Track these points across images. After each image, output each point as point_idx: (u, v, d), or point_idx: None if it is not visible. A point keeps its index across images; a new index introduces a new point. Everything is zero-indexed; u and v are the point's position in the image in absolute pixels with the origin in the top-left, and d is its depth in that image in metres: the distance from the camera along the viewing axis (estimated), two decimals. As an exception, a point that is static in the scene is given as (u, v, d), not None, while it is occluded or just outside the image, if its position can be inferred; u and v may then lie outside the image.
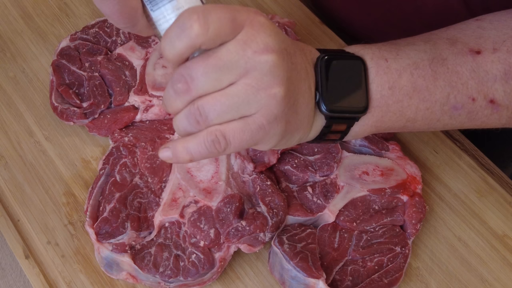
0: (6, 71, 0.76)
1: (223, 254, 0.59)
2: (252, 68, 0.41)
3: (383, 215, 0.63)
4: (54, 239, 0.64)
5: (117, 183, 0.62)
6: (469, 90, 0.49)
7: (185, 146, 0.44)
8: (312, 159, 0.66)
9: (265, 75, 0.41)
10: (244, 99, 0.42)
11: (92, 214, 0.61)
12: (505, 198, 0.69)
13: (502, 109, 0.50)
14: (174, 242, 0.60)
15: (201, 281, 0.59)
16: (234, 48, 0.41)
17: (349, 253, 0.61)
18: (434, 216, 0.68)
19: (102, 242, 0.59)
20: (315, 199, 0.63)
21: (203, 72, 0.41)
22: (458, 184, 0.70)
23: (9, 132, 0.71)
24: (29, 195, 0.66)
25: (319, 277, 0.57)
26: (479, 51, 0.49)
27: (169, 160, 0.47)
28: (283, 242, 0.60)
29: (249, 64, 0.41)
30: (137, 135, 0.68)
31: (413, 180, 0.65)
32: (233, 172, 0.63)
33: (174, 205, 0.61)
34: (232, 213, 0.59)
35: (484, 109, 0.50)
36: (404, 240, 0.62)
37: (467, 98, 0.50)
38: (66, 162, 0.69)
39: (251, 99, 0.42)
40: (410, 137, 0.73)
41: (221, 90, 0.42)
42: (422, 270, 0.64)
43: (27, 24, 0.80)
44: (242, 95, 0.42)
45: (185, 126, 0.44)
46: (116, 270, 0.60)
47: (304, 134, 0.49)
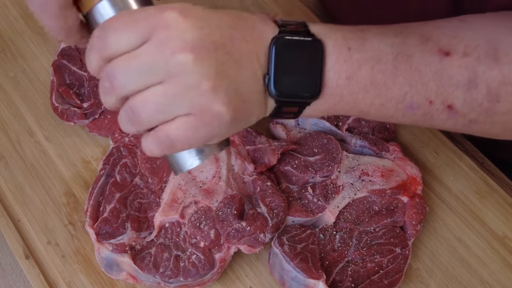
0: (7, 71, 0.76)
1: (223, 255, 0.59)
2: (174, 68, 0.41)
3: (383, 216, 0.63)
4: (54, 239, 0.63)
5: (117, 184, 0.62)
6: (428, 92, 0.48)
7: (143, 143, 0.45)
8: (313, 160, 0.66)
9: (189, 74, 0.41)
10: (173, 99, 0.41)
11: (92, 214, 0.61)
12: (505, 199, 0.69)
13: (458, 116, 0.49)
14: (174, 243, 0.60)
15: (201, 281, 0.59)
16: (151, 49, 0.41)
17: (349, 254, 0.61)
18: (435, 217, 0.68)
19: (102, 242, 0.59)
20: (315, 200, 0.63)
21: (124, 73, 0.41)
22: (458, 185, 0.70)
23: (9, 132, 0.71)
24: (29, 195, 0.66)
25: (319, 278, 0.57)
26: (449, 53, 0.47)
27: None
28: (283, 243, 0.60)
29: (169, 64, 0.41)
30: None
31: (413, 181, 0.65)
32: (233, 173, 0.63)
33: (174, 205, 0.61)
34: (232, 213, 0.59)
35: (440, 113, 0.49)
36: (404, 241, 0.62)
37: (425, 100, 0.48)
38: (66, 162, 0.69)
39: (181, 98, 0.41)
40: (410, 138, 0.73)
41: (149, 89, 0.41)
42: (422, 271, 0.64)
43: (28, 24, 0.80)
44: (170, 95, 0.41)
45: (124, 124, 0.44)
46: (116, 271, 0.60)
47: (260, 114, 0.47)
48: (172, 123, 0.42)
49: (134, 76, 0.41)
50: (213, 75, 0.41)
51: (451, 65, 0.47)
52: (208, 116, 0.42)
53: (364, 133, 0.69)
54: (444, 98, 0.48)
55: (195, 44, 0.41)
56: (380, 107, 0.48)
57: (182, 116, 0.42)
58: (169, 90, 0.41)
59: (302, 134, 0.69)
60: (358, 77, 0.47)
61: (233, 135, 0.66)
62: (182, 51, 0.40)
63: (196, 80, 0.41)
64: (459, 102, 0.48)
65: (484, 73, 0.47)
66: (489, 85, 0.47)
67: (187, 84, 0.41)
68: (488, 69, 0.47)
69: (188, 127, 0.42)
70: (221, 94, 0.42)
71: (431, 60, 0.47)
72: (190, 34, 0.41)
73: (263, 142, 0.66)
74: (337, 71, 0.46)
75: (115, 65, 0.41)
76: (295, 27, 0.46)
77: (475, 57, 0.47)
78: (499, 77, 0.47)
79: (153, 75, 0.41)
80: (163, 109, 0.42)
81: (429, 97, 0.48)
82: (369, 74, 0.47)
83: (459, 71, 0.47)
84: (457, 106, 0.48)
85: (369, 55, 0.47)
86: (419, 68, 0.47)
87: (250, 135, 0.67)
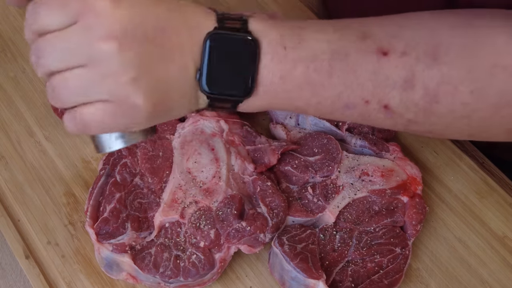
0: (7, 71, 0.76)
1: (223, 255, 0.59)
2: (96, 55, 0.41)
3: (383, 216, 0.63)
4: (54, 239, 0.63)
5: (117, 184, 0.62)
6: (364, 92, 0.47)
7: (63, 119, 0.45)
8: (313, 160, 0.66)
9: (110, 63, 0.41)
10: (92, 85, 0.42)
11: (92, 214, 0.61)
12: (505, 199, 0.69)
13: (396, 116, 0.48)
14: (174, 243, 0.60)
15: (201, 281, 0.59)
16: (76, 32, 0.41)
17: (349, 254, 0.61)
18: (435, 217, 0.68)
19: (102, 242, 0.59)
20: (315, 200, 0.63)
21: (49, 51, 0.42)
22: (458, 185, 0.70)
23: (9, 132, 0.71)
24: (29, 195, 0.66)
25: (319, 278, 0.57)
26: (387, 53, 0.46)
27: None
28: (283, 243, 0.60)
29: (92, 51, 0.41)
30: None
31: (413, 181, 0.65)
32: (233, 173, 0.63)
33: (175, 205, 0.61)
34: (232, 213, 0.59)
35: (377, 113, 0.48)
36: (404, 241, 0.62)
37: (361, 100, 0.47)
38: (66, 162, 0.69)
39: (99, 85, 0.42)
40: (410, 138, 0.73)
41: (71, 71, 0.42)
42: (422, 271, 0.64)
43: (28, 24, 0.80)
44: (90, 80, 0.42)
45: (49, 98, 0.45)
46: (116, 271, 0.60)
47: (190, 107, 0.47)
48: (89, 106, 0.43)
49: (58, 56, 0.42)
50: (135, 67, 0.42)
51: (388, 65, 0.46)
52: (125, 107, 0.43)
53: (364, 133, 0.69)
54: (380, 98, 0.47)
55: (121, 34, 0.41)
56: (317, 105, 0.48)
57: (100, 101, 0.42)
58: (89, 75, 0.41)
59: (302, 134, 0.69)
60: (292, 76, 0.46)
61: (233, 135, 0.66)
62: (107, 40, 0.41)
63: (117, 70, 0.41)
64: (395, 102, 0.47)
65: (422, 73, 0.46)
66: (427, 85, 0.46)
67: (107, 72, 0.41)
68: (426, 69, 0.46)
69: (103, 113, 0.43)
70: (140, 87, 0.42)
71: (368, 60, 0.46)
72: (117, 23, 0.41)
73: (263, 142, 0.66)
74: (271, 70, 0.46)
75: (43, 42, 0.42)
76: (234, 22, 0.45)
77: (414, 56, 0.46)
78: (437, 77, 0.46)
79: (76, 58, 0.41)
80: (82, 92, 0.42)
81: (365, 97, 0.47)
82: (304, 73, 0.46)
83: (396, 71, 0.46)
84: (393, 107, 0.47)
85: (305, 54, 0.46)
86: (355, 67, 0.46)
87: (250, 135, 0.67)
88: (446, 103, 0.46)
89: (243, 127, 0.67)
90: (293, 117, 0.70)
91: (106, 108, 0.43)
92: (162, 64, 0.43)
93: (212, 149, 0.65)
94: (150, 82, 0.43)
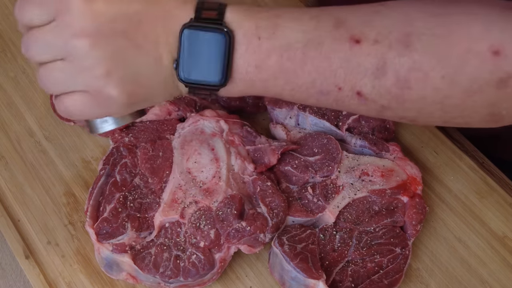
0: (7, 71, 0.76)
1: (223, 255, 0.59)
2: (71, 50, 0.44)
3: (383, 216, 0.63)
4: (54, 239, 0.63)
5: (117, 184, 0.62)
6: (337, 79, 0.48)
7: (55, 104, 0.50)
8: (313, 160, 0.66)
9: (84, 59, 0.44)
10: (70, 77, 0.45)
11: (92, 214, 0.61)
12: (505, 199, 0.69)
13: (369, 103, 0.49)
14: (174, 243, 0.60)
15: (201, 281, 0.59)
16: (53, 29, 0.44)
17: (349, 254, 0.61)
18: (435, 217, 0.68)
19: (102, 242, 0.59)
20: (315, 200, 0.63)
21: (33, 45, 0.45)
22: (458, 185, 0.70)
23: (9, 132, 0.71)
24: (29, 195, 0.66)
25: (319, 278, 0.57)
26: (359, 41, 0.47)
27: None
28: (283, 243, 0.60)
29: (67, 47, 0.44)
30: (138, 135, 0.68)
31: (413, 181, 0.65)
32: (233, 173, 0.63)
33: (174, 205, 0.61)
34: (232, 213, 0.59)
35: (350, 99, 0.49)
36: (404, 241, 0.62)
37: (334, 86, 0.48)
38: (66, 162, 0.69)
39: (76, 78, 0.45)
40: (410, 138, 0.74)
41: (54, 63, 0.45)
42: (422, 271, 0.64)
43: (28, 24, 0.80)
44: (67, 73, 0.45)
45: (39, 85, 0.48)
46: (116, 271, 0.60)
47: (166, 95, 0.50)
48: (70, 96, 0.46)
49: (40, 49, 0.45)
50: (107, 61, 0.44)
51: (360, 52, 0.47)
52: (100, 98, 0.46)
53: (364, 133, 0.69)
54: (353, 85, 0.48)
55: (92, 31, 0.44)
56: (291, 91, 0.50)
57: (79, 92, 0.46)
58: (67, 68, 0.45)
59: (302, 134, 0.69)
60: (267, 65, 0.48)
61: (233, 135, 0.66)
62: (79, 37, 0.44)
63: (90, 64, 0.44)
64: (367, 89, 0.48)
65: (393, 60, 0.47)
66: (398, 72, 0.47)
67: (82, 66, 0.44)
68: (398, 56, 0.47)
69: (82, 103, 0.46)
70: (114, 79, 0.45)
71: (341, 48, 0.47)
72: (88, 21, 0.44)
73: (263, 142, 0.66)
74: (246, 60, 0.47)
75: (29, 36, 0.46)
76: (210, 13, 0.47)
77: (386, 44, 0.47)
78: (409, 63, 0.46)
79: (55, 52, 0.45)
80: (62, 83, 0.46)
81: (338, 84, 0.48)
82: (278, 62, 0.48)
83: (367, 59, 0.47)
84: (366, 93, 0.48)
85: (279, 43, 0.47)
86: (328, 55, 0.47)
87: (250, 135, 0.67)
88: (417, 89, 0.47)
89: (243, 127, 0.67)
90: (293, 117, 0.70)
91: (84, 98, 0.46)
92: (135, 57, 0.46)
93: (212, 149, 0.65)
94: (123, 74, 0.45)
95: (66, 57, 0.45)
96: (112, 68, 0.45)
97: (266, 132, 0.72)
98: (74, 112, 0.47)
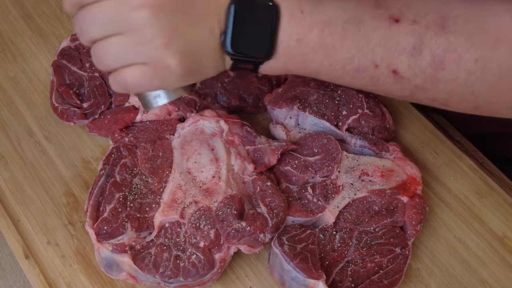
0: (7, 71, 0.76)
1: (223, 255, 0.59)
2: (132, 23, 0.45)
3: (383, 216, 0.63)
4: (54, 239, 0.63)
5: (117, 184, 0.62)
6: (374, 56, 0.50)
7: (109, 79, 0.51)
8: (312, 160, 0.66)
9: (145, 29, 0.45)
10: (129, 50, 0.46)
11: (92, 214, 0.61)
12: (505, 199, 0.69)
13: (404, 81, 0.51)
14: (174, 243, 0.60)
15: (201, 281, 0.59)
16: (113, 3, 0.45)
17: (349, 254, 0.61)
18: (434, 217, 0.68)
19: (102, 242, 0.59)
20: (315, 200, 0.63)
21: (89, 21, 0.47)
22: (458, 185, 0.70)
23: (9, 132, 0.71)
24: (29, 195, 0.66)
25: (319, 278, 0.57)
26: (398, 20, 0.49)
27: None
28: (283, 243, 0.60)
29: (128, 19, 0.45)
30: (137, 135, 0.68)
31: (413, 181, 0.65)
32: (233, 173, 0.63)
33: (174, 205, 0.61)
34: (232, 213, 0.59)
35: (386, 77, 0.51)
36: (404, 241, 0.62)
37: (371, 63, 0.50)
38: (66, 162, 0.69)
39: (136, 50, 0.46)
40: (410, 138, 0.74)
41: (111, 38, 0.47)
42: (422, 271, 0.64)
43: (28, 24, 0.80)
44: (127, 46, 0.46)
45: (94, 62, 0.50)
46: (116, 271, 0.60)
47: (216, 68, 0.51)
48: (128, 69, 0.48)
49: (98, 25, 0.47)
50: (167, 32, 0.46)
51: (399, 31, 0.49)
52: (159, 68, 0.47)
53: (364, 133, 0.69)
54: (389, 63, 0.50)
55: (151, 2, 0.45)
56: (329, 67, 0.51)
57: (138, 64, 0.47)
58: (126, 41, 0.46)
59: (302, 134, 0.69)
60: (308, 39, 0.49)
61: (233, 135, 0.66)
62: (139, 9, 0.45)
63: (151, 35, 0.46)
64: (403, 67, 0.50)
65: (430, 40, 0.49)
66: (434, 52, 0.49)
67: (143, 38, 0.46)
68: (434, 37, 0.49)
69: (140, 75, 0.48)
70: (173, 50, 0.47)
71: (380, 26, 0.49)
72: None
73: (263, 142, 0.66)
74: (288, 33, 0.49)
75: (84, 13, 0.47)
76: None
77: (424, 24, 0.49)
78: (444, 45, 0.48)
79: (114, 26, 0.46)
80: (120, 57, 0.47)
81: (374, 61, 0.50)
82: (319, 36, 0.49)
83: (405, 37, 0.49)
84: (402, 71, 0.50)
85: (320, 18, 0.49)
86: (367, 32, 0.49)
87: (250, 135, 0.67)
88: (451, 70, 0.49)
89: (243, 127, 0.67)
90: (293, 117, 0.70)
91: (143, 70, 0.47)
92: (191, 29, 0.47)
93: (212, 149, 0.65)
94: (181, 45, 0.47)
95: (125, 31, 0.46)
96: (171, 39, 0.46)
97: (266, 132, 0.72)
98: (132, 84, 0.48)
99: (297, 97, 0.70)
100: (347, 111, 0.69)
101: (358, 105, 0.69)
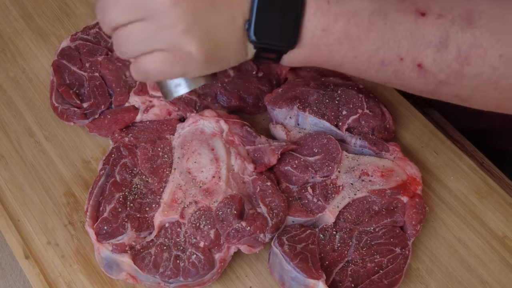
0: (7, 71, 0.76)
1: (223, 255, 0.59)
2: (153, 9, 0.45)
3: (383, 216, 0.63)
4: (54, 239, 0.63)
5: (117, 184, 0.62)
6: (400, 49, 0.50)
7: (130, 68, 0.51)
8: (312, 160, 0.66)
9: (166, 15, 0.45)
10: (150, 36, 0.47)
11: (92, 214, 0.61)
12: (505, 199, 0.69)
13: (428, 76, 0.50)
14: (174, 243, 0.60)
15: (201, 281, 0.59)
16: None
17: (349, 254, 0.61)
18: (434, 217, 0.68)
19: (102, 242, 0.59)
20: (315, 200, 0.63)
21: (112, 8, 0.47)
22: (458, 185, 0.70)
23: (9, 132, 0.71)
24: (29, 195, 0.66)
25: (319, 278, 0.57)
26: (424, 13, 0.49)
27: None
28: (283, 243, 0.60)
29: (149, 5, 0.45)
30: (138, 135, 0.68)
31: (413, 181, 0.65)
32: (233, 173, 0.63)
33: (174, 205, 0.61)
34: (232, 213, 0.59)
35: (410, 71, 0.51)
36: (404, 241, 0.62)
37: (396, 56, 0.50)
38: (66, 162, 0.69)
39: (157, 36, 0.46)
40: (410, 138, 0.73)
41: (132, 24, 0.47)
42: (422, 271, 0.64)
43: (28, 24, 0.80)
44: (148, 33, 0.46)
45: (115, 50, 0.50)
46: (116, 271, 0.60)
47: (238, 57, 0.51)
48: (149, 56, 0.48)
49: (120, 12, 0.47)
50: (188, 19, 0.46)
51: (425, 25, 0.49)
52: (180, 55, 0.47)
53: (364, 133, 0.69)
54: (415, 56, 0.50)
55: None
56: (354, 59, 0.51)
57: (158, 51, 0.47)
58: (147, 28, 0.46)
59: (302, 134, 0.69)
60: (333, 29, 0.49)
61: (232, 135, 0.66)
62: None
63: (171, 21, 0.46)
64: (428, 61, 0.50)
65: (456, 35, 0.48)
66: (460, 47, 0.48)
67: (164, 24, 0.46)
68: (460, 31, 0.48)
69: (162, 62, 0.48)
70: (194, 36, 0.47)
71: (406, 19, 0.49)
72: None
73: (263, 142, 0.66)
74: (314, 23, 0.49)
75: (106, 1, 0.47)
76: None
77: (449, 18, 0.49)
78: (470, 40, 0.48)
79: (136, 13, 0.46)
80: (142, 43, 0.47)
81: (400, 54, 0.50)
82: (345, 27, 0.49)
83: (431, 31, 0.49)
84: (427, 65, 0.50)
85: (346, 9, 0.49)
86: (393, 25, 0.49)
87: (250, 135, 0.67)
88: (476, 65, 0.49)
89: (243, 127, 0.67)
90: (293, 117, 0.70)
91: (164, 56, 0.48)
92: (213, 16, 0.47)
93: (212, 149, 0.65)
94: (202, 32, 0.47)
95: (146, 17, 0.46)
96: (191, 25, 0.46)
97: (266, 132, 0.72)
98: (153, 71, 0.48)
99: (297, 97, 0.70)
100: (347, 111, 0.69)
101: (358, 105, 0.69)
